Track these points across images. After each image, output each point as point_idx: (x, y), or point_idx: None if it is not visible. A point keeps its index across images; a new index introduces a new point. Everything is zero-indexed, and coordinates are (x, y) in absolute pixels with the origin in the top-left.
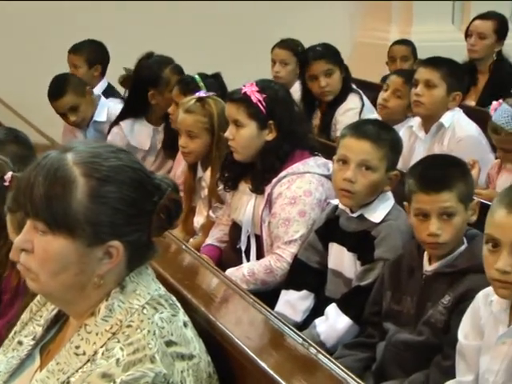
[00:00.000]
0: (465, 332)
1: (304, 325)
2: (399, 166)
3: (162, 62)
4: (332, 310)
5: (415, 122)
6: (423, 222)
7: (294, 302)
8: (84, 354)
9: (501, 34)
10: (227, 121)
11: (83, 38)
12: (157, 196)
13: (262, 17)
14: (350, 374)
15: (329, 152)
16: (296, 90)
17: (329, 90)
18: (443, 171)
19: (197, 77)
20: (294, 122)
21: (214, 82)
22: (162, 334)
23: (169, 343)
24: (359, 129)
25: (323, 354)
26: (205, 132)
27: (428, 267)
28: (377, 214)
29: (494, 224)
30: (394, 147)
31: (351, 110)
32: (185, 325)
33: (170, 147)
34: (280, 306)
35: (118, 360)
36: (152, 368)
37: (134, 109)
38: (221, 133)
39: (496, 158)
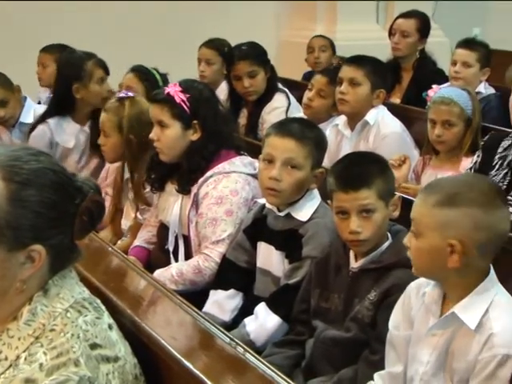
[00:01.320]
0: (395, 322)
1: (234, 325)
2: (327, 164)
3: (83, 55)
4: (261, 308)
5: (341, 120)
6: (344, 220)
7: (221, 302)
8: (6, 359)
9: (423, 32)
10: (143, 123)
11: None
12: (79, 198)
13: (188, 17)
14: (277, 372)
15: (255, 151)
16: (223, 90)
17: (252, 90)
18: (361, 169)
19: (152, 70)
20: (219, 122)
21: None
22: (86, 337)
23: (93, 346)
24: (283, 127)
25: (251, 353)
26: (115, 132)
27: (354, 264)
28: (304, 212)
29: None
30: (318, 145)
31: (277, 108)
32: (109, 327)
33: (96, 145)
34: (208, 306)
35: (41, 365)
36: (76, 371)
37: (60, 105)
38: (130, 135)
39: (420, 155)
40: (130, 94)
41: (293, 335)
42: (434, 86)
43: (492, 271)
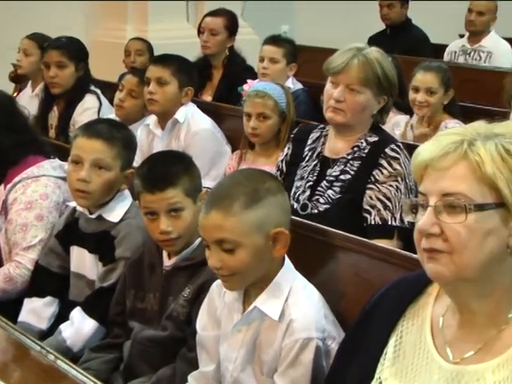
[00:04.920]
0: (202, 323)
1: (51, 332)
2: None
3: None
4: (77, 313)
5: (151, 119)
6: (153, 220)
7: (38, 310)
8: None
9: (232, 30)
10: None
11: None
12: None
13: None
14: (89, 376)
15: (66, 154)
16: None
17: (56, 81)
18: (166, 169)
19: None
20: (12, 131)
21: None
22: None
23: None
24: (90, 128)
25: (62, 360)
26: None
27: (167, 262)
28: (115, 213)
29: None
30: (127, 145)
31: (88, 109)
32: None
33: None
34: (24, 315)
35: None
36: None
37: None
38: None
39: (233, 151)
40: None
41: (110, 338)
42: (248, 81)
43: (287, 259)
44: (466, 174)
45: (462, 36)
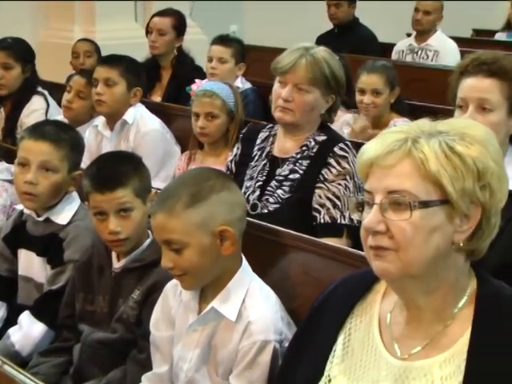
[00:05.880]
0: (156, 324)
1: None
2: None
3: None
4: (25, 317)
5: (100, 120)
6: (102, 220)
7: None
8: None
9: (180, 30)
10: None
11: None
12: None
13: None
14: (36, 381)
15: (13, 156)
16: None
17: (3, 83)
18: (115, 169)
19: None
20: None
21: None
22: None
23: None
24: (37, 130)
25: (9, 365)
26: None
27: (117, 264)
28: (63, 215)
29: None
30: (74, 147)
31: (36, 111)
32: None
33: None
34: None
35: None
36: None
37: None
38: None
39: (183, 152)
40: None
41: (59, 342)
42: (197, 81)
43: (244, 260)
44: (411, 172)
45: (409, 35)
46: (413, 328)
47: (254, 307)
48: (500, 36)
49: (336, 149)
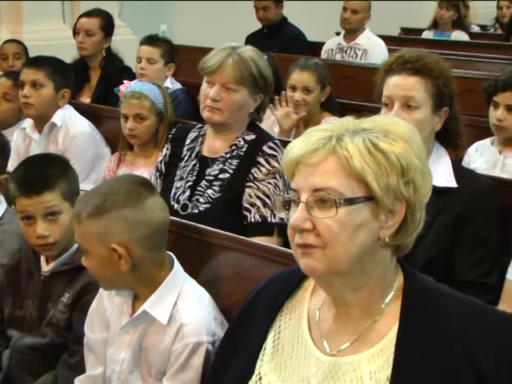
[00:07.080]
0: (91, 326)
1: None
2: None
3: None
4: None
5: (28, 123)
6: (30, 225)
7: None
8: None
9: (107, 30)
10: None
11: None
12: None
13: None
14: None
15: None
16: None
17: None
18: (42, 172)
19: None
20: None
21: None
22: None
23: None
24: None
25: None
26: None
27: (45, 268)
28: None
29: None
30: (0, 151)
31: None
32: None
33: None
34: None
35: None
36: None
37: None
38: None
39: (113, 153)
40: None
41: None
42: (125, 82)
43: (176, 262)
44: (336, 169)
45: (338, 34)
46: (341, 324)
47: (187, 309)
48: (427, 34)
49: (265, 147)
